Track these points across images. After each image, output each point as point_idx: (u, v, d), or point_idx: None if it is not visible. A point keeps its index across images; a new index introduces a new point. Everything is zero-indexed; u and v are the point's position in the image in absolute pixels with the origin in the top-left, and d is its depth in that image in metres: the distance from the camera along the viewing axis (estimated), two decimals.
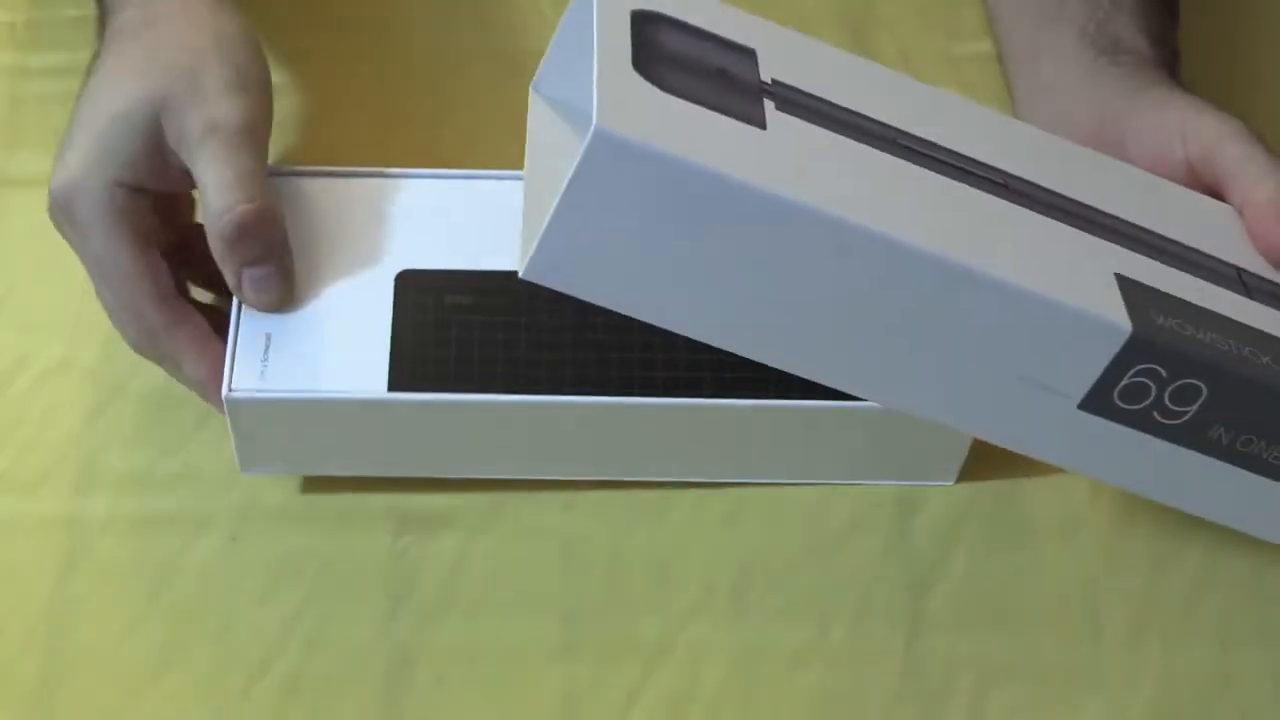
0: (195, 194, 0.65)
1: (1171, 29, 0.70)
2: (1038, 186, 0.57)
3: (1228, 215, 0.61)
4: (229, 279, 0.61)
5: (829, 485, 0.66)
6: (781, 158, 0.53)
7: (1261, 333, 0.56)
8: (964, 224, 0.54)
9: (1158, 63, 0.67)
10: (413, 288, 0.64)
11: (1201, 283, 0.57)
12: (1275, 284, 0.59)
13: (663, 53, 0.54)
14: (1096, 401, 0.54)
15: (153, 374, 0.68)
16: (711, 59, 0.55)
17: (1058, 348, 0.53)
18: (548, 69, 0.60)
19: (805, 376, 0.56)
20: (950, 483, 0.66)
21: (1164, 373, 0.54)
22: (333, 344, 0.62)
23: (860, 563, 0.64)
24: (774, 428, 0.63)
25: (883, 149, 0.55)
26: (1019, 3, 0.72)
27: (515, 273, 0.54)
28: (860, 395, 0.56)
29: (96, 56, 0.64)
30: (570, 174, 0.50)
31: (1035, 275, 0.53)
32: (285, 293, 0.62)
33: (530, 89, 0.61)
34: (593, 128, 0.50)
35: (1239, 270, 0.58)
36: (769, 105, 0.54)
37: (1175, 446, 0.56)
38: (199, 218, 0.66)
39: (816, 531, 0.65)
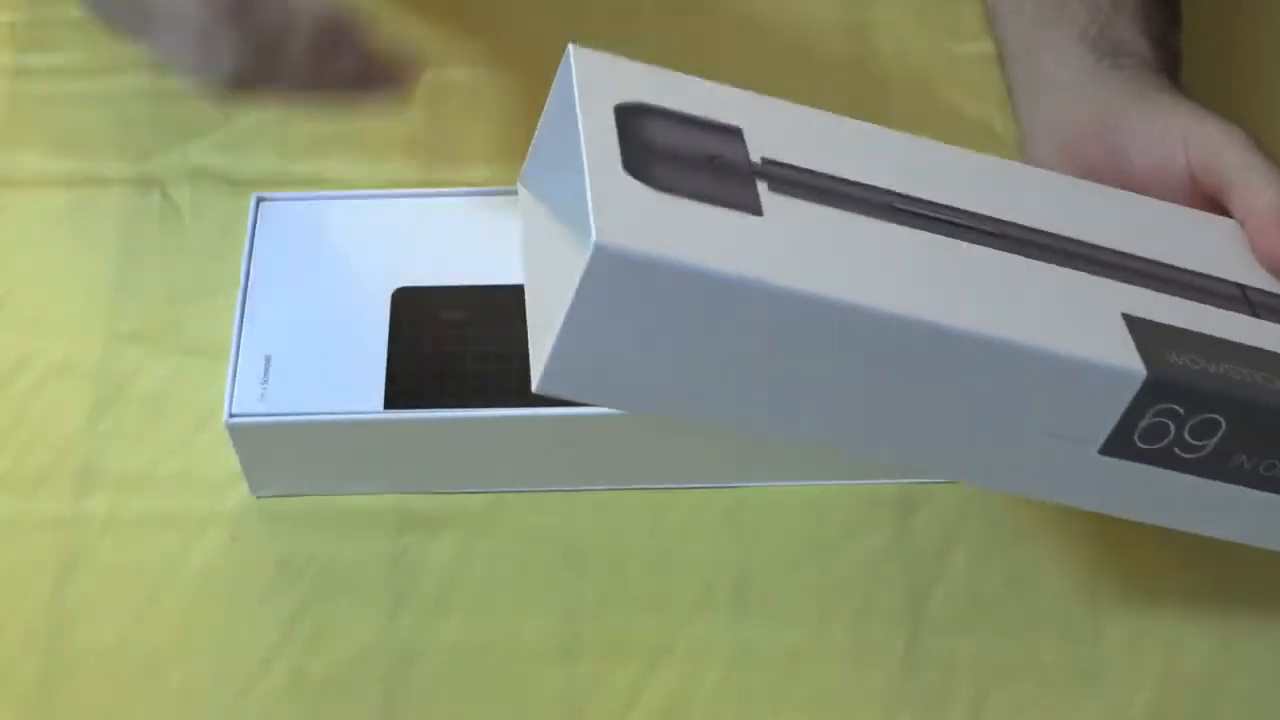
0: None
1: (1173, 32, 0.70)
2: (1037, 231, 0.57)
3: (1228, 230, 0.61)
4: None
5: (829, 485, 0.66)
6: (780, 246, 0.53)
7: (1271, 354, 0.56)
8: (968, 287, 0.54)
9: (1159, 66, 0.66)
10: (409, 305, 0.64)
11: (1208, 309, 0.56)
12: (1274, 295, 0.59)
13: (651, 147, 0.54)
14: (1117, 445, 0.54)
15: (153, 375, 0.68)
16: (700, 146, 0.55)
17: (1075, 399, 0.53)
18: (534, 163, 0.60)
19: (829, 448, 0.56)
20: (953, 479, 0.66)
21: (1182, 410, 0.54)
22: (331, 363, 0.63)
23: (860, 563, 0.64)
24: None
25: (878, 217, 0.55)
26: (1018, 2, 0.72)
27: (508, 286, 0.54)
28: (884, 461, 0.56)
29: None
30: (573, 291, 0.50)
31: (1045, 331, 0.53)
32: None
33: (518, 183, 0.61)
34: (592, 244, 0.49)
35: (1243, 288, 0.58)
36: (762, 187, 0.54)
37: (1199, 479, 0.56)
38: None
39: (816, 531, 0.65)
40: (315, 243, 0.65)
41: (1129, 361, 0.53)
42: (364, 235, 0.66)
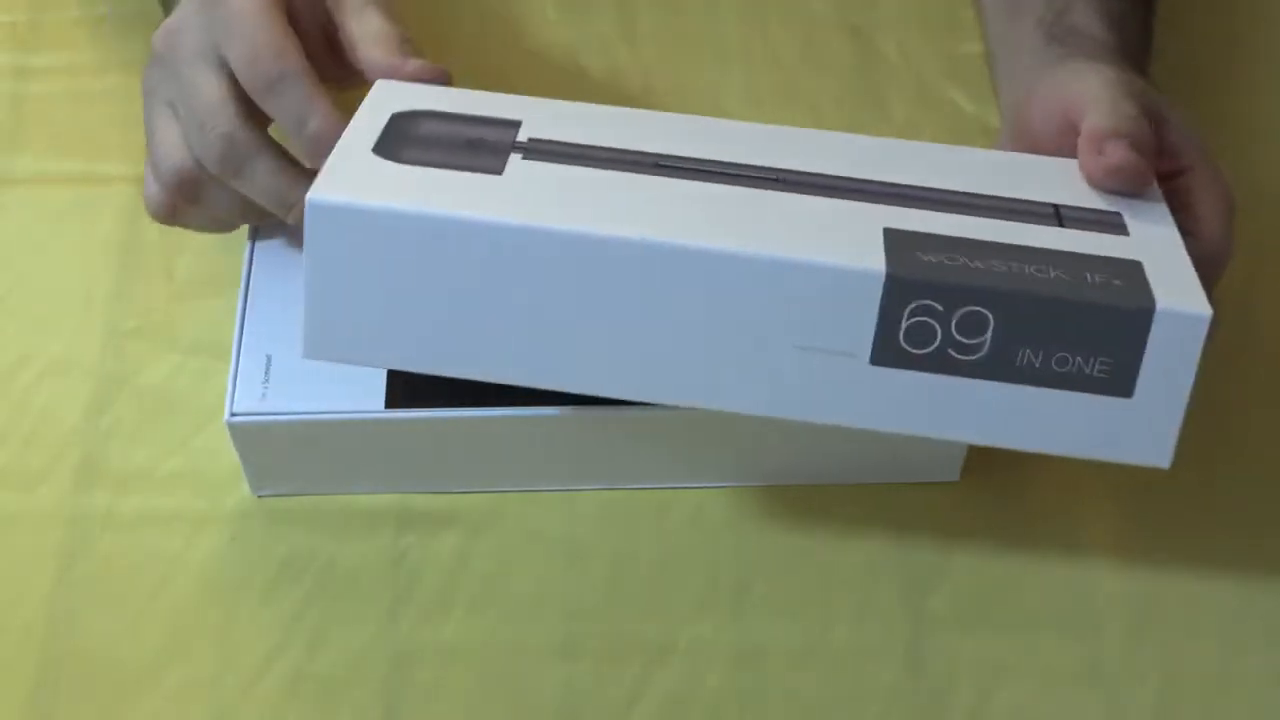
0: None
1: (1137, 14, 0.69)
2: (820, 175, 0.56)
3: (1067, 168, 0.60)
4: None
5: (829, 486, 0.66)
6: (510, 193, 0.54)
7: (1052, 250, 0.54)
8: (714, 214, 0.54)
9: (1114, 45, 0.65)
10: None
11: (997, 222, 0.55)
12: (1099, 211, 0.57)
13: (410, 137, 0.56)
14: (886, 353, 0.53)
15: (154, 373, 0.68)
16: (464, 133, 0.57)
17: (825, 309, 0.53)
18: None
19: (595, 394, 0.56)
20: (953, 479, 0.66)
21: (940, 306, 0.52)
22: (332, 364, 0.62)
23: (860, 563, 0.64)
24: (773, 431, 0.63)
25: (635, 171, 0.55)
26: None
27: None
28: (655, 401, 0.56)
29: None
30: (305, 252, 0.53)
31: (788, 244, 0.52)
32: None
33: None
34: (307, 201, 0.52)
35: (1057, 207, 0.57)
36: (515, 157, 0.55)
37: (986, 382, 0.54)
38: None
39: (816, 531, 0.65)
40: None
41: (870, 263, 0.52)
42: None
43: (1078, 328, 0.53)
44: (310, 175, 0.58)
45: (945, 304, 0.52)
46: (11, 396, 0.68)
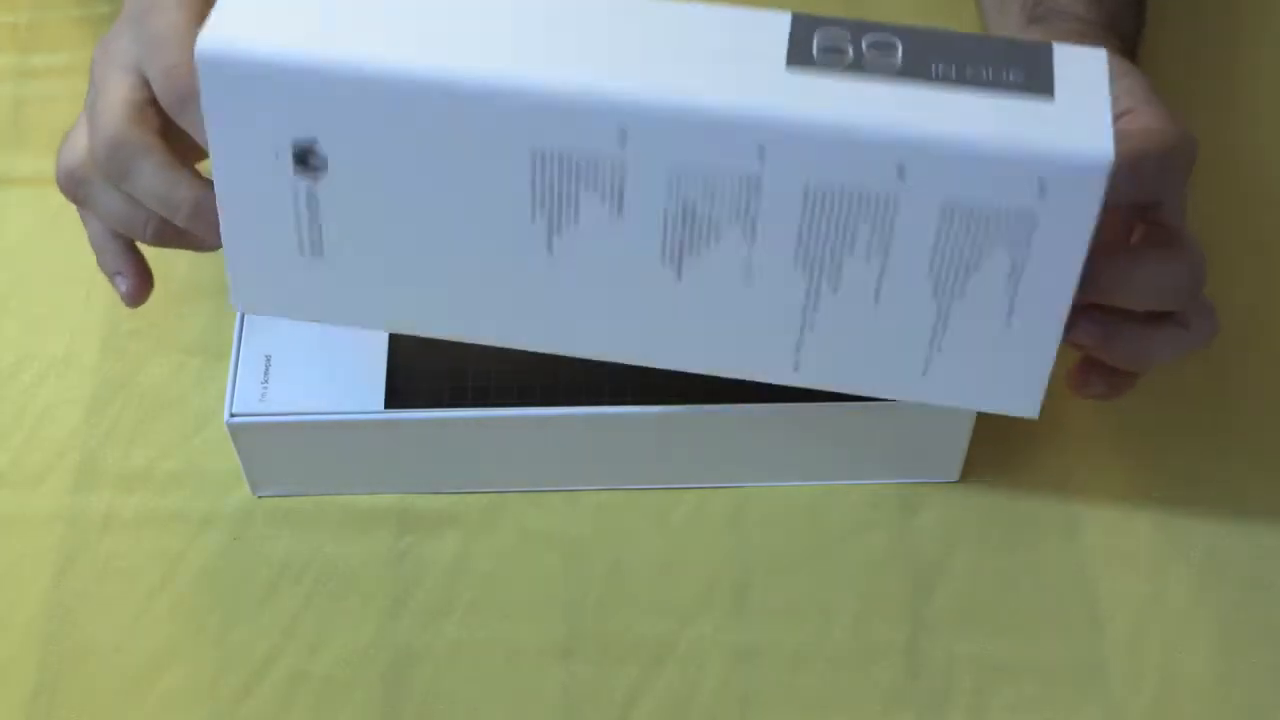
0: None
1: None
2: None
3: None
4: None
5: (829, 485, 0.66)
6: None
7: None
8: None
9: (1098, 22, 0.65)
10: None
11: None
12: None
13: None
14: (799, 55, 0.53)
15: (154, 373, 0.68)
16: None
17: (736, 36, 0.53)
18: None
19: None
20: (953, 479, 0.66)
21: (847, 34, 0.53)
22: (332, 363, 0.63)
23: (860, 563, 0.64)
24: (773, 431, 0.63)
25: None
26: None
27: None
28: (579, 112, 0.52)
29: None
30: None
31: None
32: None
33: None
34: (197, 49, 0.52)
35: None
36: None
37: (904, 84, 0.52)
38: None
39: (817, 531, 0.65)
40: None
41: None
42: None
43: (985, 53, 0.53)
44: (198, 177, 0.58)
45: (853, 31, 0.53)
46: (11, 396, 0.68)
